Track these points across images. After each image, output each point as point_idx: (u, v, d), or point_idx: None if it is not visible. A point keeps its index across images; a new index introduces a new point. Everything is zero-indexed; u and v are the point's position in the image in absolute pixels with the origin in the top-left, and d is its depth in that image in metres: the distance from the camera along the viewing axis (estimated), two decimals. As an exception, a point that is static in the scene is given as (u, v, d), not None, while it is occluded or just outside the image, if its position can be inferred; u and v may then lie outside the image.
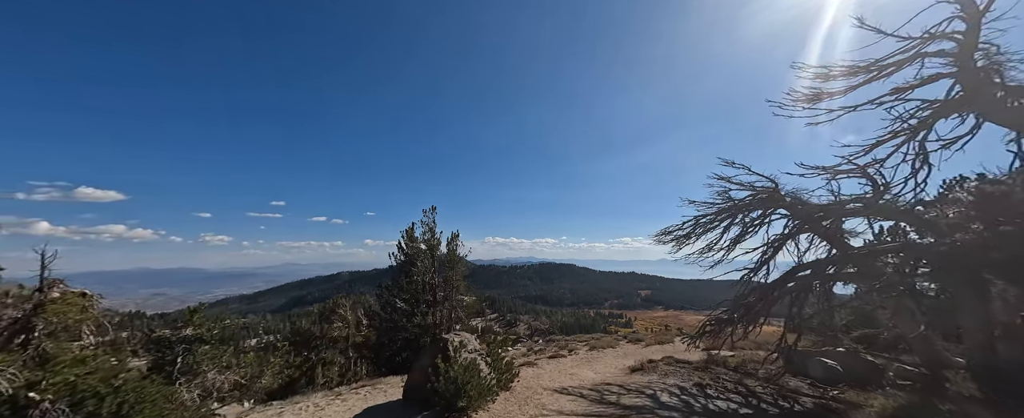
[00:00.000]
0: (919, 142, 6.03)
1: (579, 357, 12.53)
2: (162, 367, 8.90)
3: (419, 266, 19.49)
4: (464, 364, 5.30)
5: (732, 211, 9.53)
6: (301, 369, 17.16)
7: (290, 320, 26.81)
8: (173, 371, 8.94)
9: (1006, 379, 6.17)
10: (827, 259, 7.93)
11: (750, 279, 8.19)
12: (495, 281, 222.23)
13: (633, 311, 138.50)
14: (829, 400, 6.19)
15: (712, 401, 6.20)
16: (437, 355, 5.49)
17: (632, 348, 14.24)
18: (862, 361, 7.78)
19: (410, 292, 18.79)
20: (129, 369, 6.10)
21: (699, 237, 10.25)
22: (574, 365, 10.73)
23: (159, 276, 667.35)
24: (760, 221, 9.19)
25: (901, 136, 6.10)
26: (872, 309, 8.43)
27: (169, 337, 9.04)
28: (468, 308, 21.76)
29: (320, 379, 16.81)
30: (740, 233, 9.49)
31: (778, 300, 8.00)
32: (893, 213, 7.14)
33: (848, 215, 7.48)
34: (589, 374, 9.14)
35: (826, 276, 7.78)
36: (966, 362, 6.80)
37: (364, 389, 7.90)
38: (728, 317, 7.73)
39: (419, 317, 18.07)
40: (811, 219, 8.27)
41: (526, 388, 7.14)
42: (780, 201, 8.84)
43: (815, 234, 8.60)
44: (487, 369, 6.38)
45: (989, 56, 5.28)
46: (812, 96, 6.33)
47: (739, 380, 7.68)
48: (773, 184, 8.99)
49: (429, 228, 20.46)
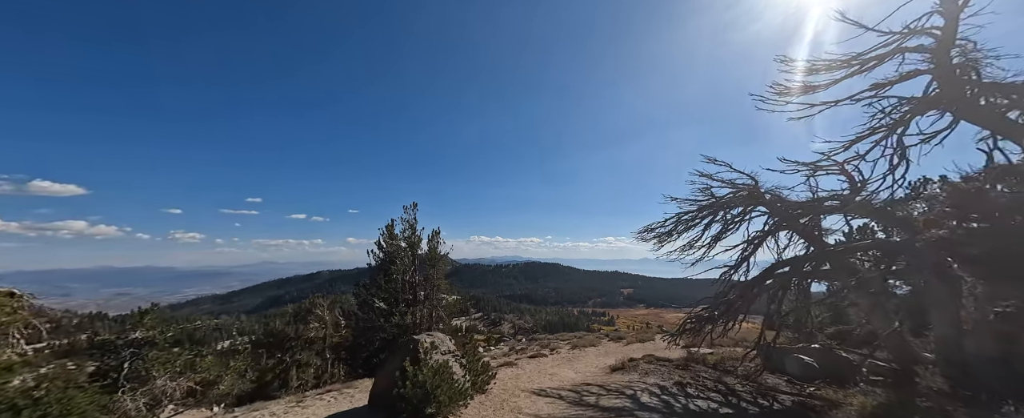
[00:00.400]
0: (897, 138, 6.05)
1: (560, 356, 12.33)
2: (107, 374, 8.14)
3: (399, 264, 18.89)
4: (435, 367, 4.93)
5: (713, 208, 9.50)
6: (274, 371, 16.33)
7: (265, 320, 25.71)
8: (119, 378, 8.19)
9: (974, 374, 6.28)
10: (805, 256, 7.96)
11: (730, 276, 8.14)
12: (480, 280, 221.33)
13: (616, 309, 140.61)
14: (807, 397, 6.15)
15: (692, 401, 6.05)
16: (405, 358, 5.10)
17: (614, 346, 14.17)
18: (837, 357, 7.84)
19: (389, 291, 18.18)
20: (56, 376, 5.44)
21: (681, 235, 10.20)
22: (555, 365, 10.50)
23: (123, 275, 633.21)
24: (740, 218, 9.20)
25: (880, 132, 6.10)
26: (846, 306, 8.53)
27: (115, 341, 8.27)
28: (449, 307, 21.28)
29: (294, 382, 16.02)
30: (721, 230, 9.48)
31: (757, 297, 7.98)
32: (868, 211, 7.20)
33: (826, 212, 7.51)
34: (570, 374, 8.91)
35: (804, 273, 7.81)
36: (935, 357, 6.92)
37: (331, 394, 7.40)
38: (709, 315, 7.63)
39: (398, 317, 17.49)
40: (790, 216, 8.30)
41: (503, 390, 6.83)
42: (760, 199, 8.84)
43: (793, 232, 8.64)
44: (461, 371, 6.03)
45: (966, 53, 5.31)
46: (795, 90, 6.26)
47: (719, 378, 7.60)
48: (753, 181, 8.99)
49: (410, 225, 19.85)
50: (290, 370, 16.67)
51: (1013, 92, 5.04)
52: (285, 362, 16.90)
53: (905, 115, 5.84)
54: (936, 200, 6.01)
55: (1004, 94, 5.15)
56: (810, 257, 7.93)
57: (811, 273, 7.84)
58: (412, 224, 19.66)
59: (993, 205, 4.98)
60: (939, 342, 6.77)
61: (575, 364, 10.70)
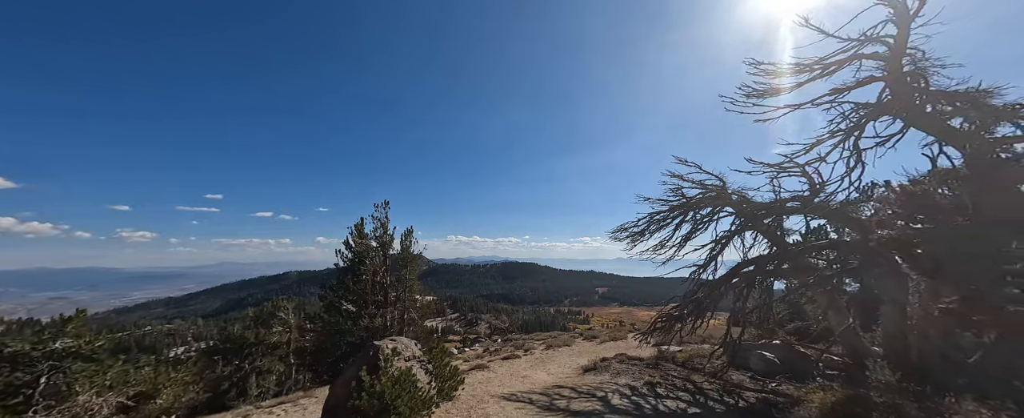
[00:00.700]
0: (854, 141, 6.31)
1: (534, 357, 12.19)
2: (17, 391, 7.13)
3: (368, 264, 18.12)
4: (395, 375, 4.58)
5: (684, 208, 9.67)
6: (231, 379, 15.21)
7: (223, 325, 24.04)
8: (33, 395, 7.20)
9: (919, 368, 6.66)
10: (768, 256, 8.22)
11: (699, 275, 8.27)
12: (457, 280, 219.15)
13: (591, 308, 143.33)
14: (770, 394, 6.29)
15: (662, 401, 6.03)
16: (363, 366, 4.72)
17: (587, 345, 14.22)
18: (796, 353, 8.15)
19: (357, 293, 17.39)
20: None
21: (652, 234, 10.33)
22: (528, 366, 10.34)
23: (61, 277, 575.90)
24: (709, 218, 9.41)
25: (838, 136, 6.36)
26: (804, 303, 8.90)
27: (29, 353, 7.26)
28: (423, 308, 20.66)
29: (254, 390, 14.96)
30: (691, 230, 9.66)
31: (724, 295, 8.17)
32: (826, 212, 7.51)
33: (787, 213, 7.77)
34: (542, 376, 8.76)
35: (767, 272, 8.06)
36: (882, 352, 7.31)
37: (285, 405, 6.84)
38: (678, 313, 7.70)
39: (366, 319, 16.76)
40: (755, 217, 8.55)
41: (472, 396, 6.55)
42: (727, 200, 9.07)
43: (758, 232, 8.93)
44: (426, 378, 5.69)
45: (916, 61, 5.61)
46: (761, 92, 6.41)
47: (687, 376, 7.69)
48: (721, 182, 9.21)
49: (381, 223, 19.07)
50: (250, 378, 15.59)
51: (956, 100, 5.36)
52: (244, 369, 15.80)
53: (861, 120, 6.11)
54: (887, 202, 6.34)
55: (949, 101, 5.47)
56: (773, 256, 8.20)
57: (773, 272, 8.11)
58: (383, 222, 18.91)
59: (938, 206, 5.26)
60: (886, 337, 7.16)
61: (548, 365, 10.58)
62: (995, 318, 4.58)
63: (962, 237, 4.93)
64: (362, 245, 17.94)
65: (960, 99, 5.29)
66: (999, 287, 4.64)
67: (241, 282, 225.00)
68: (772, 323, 8.08)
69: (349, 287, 17.29)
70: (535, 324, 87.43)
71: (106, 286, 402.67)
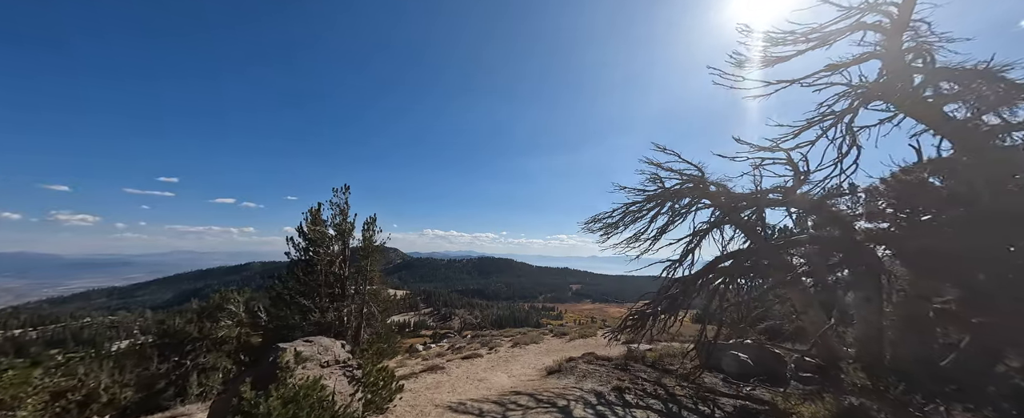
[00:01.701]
0: (847, 124, 5.77)
1: (498, 356, 11.32)
2: None
3: (321, 253, 16.56)
4: (294, 389, 3.51)
5: (661, 199, 9.05)
6: (169, 377, 13.48)
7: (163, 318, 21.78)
8: None
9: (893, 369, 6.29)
10: (746, 251, 7.71)
11: (674, 270, 7.64)
12: (432, 275, 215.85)
13: (565, 304, 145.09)
14: (746, 399, 5.71)
15: (630, 410, 5.28)
16: (249, 378, 3.60)
17: (556, 343, 13.52)
18: (770, 354, 7.71)
19: (308, 284, 15.86)
20: None
21: (627, 226, 9.69)
22: (488, 367, 9.43)
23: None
24: (686, 210, 8.84)
25: (829, 119, 5.80)
26: (778, 302, 8.53)
27: None
28: (384, 303, 19.27)
29: (195, 389, 13.31)
30: (667, 222, 9.07)
31: (700, 291, 7.60)
32: (807, 205, 7.04)
33: (768, 205, 7.24)
34: (501, 379, 7.87)
35: (744, 269, 7.54)
36: (856, 353, 6.94)
37: None
38: (651, 310, 7.01)
39: (317, 314, 15.27)
40: (733, 209, 8.02)
41: (411, 407, 5.54)
42: (705, 191, 8.50)
43: (735, 225, 8.42)
44: (351, 388, 4.63)
45: (918, 35, 5.11)
46: (754, 62, 5.74)
47: (658, 379, 7.02)
48: (700, 173, 8.63)
49: (341, 209, 17.50)
50: (190, 375, 13.91)
51: (962, 78, 4.90)
52: (185, 366, 14.08)
53: (854, 102, 5.57)
54: (876, 193, 5.89)
55: (954, 80, 5.01)
56: (750, 252, 7.69)
57: (751, 268, 7.61)
58: (343, 209, 17.33)
59: (935, 196, 4.80)
60: (861, 339, 6.78)
61: (512, 365, 9.73)
62: (1003, 321, 4.11)
63: (963, 230, 4.45)
64: (316, 232, 16.35)
65: (967, 77, 4.81)
66: (1008, 286, 4.17)
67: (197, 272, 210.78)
68: (746, 322, 7.62)
69: (299, 278, 15.74)
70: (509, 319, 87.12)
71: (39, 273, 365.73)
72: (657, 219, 9.29)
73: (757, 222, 7.98)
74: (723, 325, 7.38)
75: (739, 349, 8.01)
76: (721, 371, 7.54)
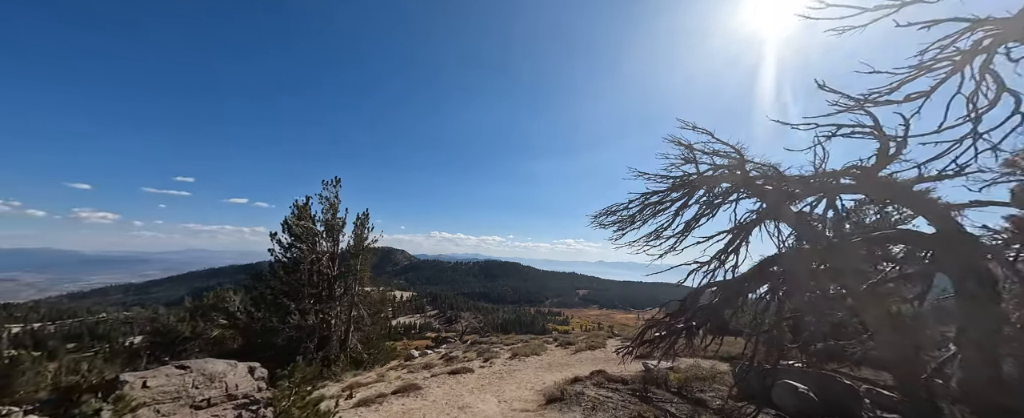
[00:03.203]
0: (981, 65, 4.00)
1: (492, 370, 9.76)
2: None
3: (305, 250, 15.23)
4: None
5: (689, 187, 7.44)
6: None
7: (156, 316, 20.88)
8: None
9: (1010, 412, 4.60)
10: (805, 251, 6.07)
11: (712, 273, 6.02)
12: (438, 277, 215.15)
13: (571, 309, 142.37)
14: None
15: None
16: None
17: (560, 354, 11.88)
18: (835, 384, 6.00)
19: (290, 284, 14.54)
20: None
21: (647, 221, 8.09)
22: (477, 386, 7.88)
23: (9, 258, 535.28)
24: (722, 200, 7.23)
25: (945, 65, 4.08)
26: (843, 317, 6.83)
27: None
28: (375, 304, 17.83)
29: None
30: (696, 215, 7.46)
31: (743, 301, 5.98)
32: (898, 192, 5.32)
33: (840, 192, 5.60)
34: (489, 407, 6.31)
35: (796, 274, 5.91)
36: (961, 390, 5.23)
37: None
38: (684, 325, 5.39)
39: (297, 316, 13.91)
40: (785, 199, 6.40)
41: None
42: (746, 177, 6.88)
43: (783, 220, 6.77)
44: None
45: None
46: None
47: (691, 416, 5.39)
48: (739, 156, 7.01)
49: (331, 205, 16.18)
50: None
51: None
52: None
53: (988, 40, 3.85)
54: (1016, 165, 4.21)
55: None
56: (809, 252, 6.05)
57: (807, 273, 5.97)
58: (333, 203, 16.01)
59: None
60: (969, 371, 5.08)
61: (505, 384, 8.16)
62: None
63: None
64: (302, 228, 15.04)
65: None
66: None
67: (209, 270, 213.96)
68: (802, 342, 6.00)
69: (281, 277, 14.45)
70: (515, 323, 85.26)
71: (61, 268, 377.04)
72: (683, 212, 7.68)
73: (810, 216, 6.32)
74: (772, 345, 5.75)
75: (790, 375, 6.32)
76: (772, 406, 5.88)
